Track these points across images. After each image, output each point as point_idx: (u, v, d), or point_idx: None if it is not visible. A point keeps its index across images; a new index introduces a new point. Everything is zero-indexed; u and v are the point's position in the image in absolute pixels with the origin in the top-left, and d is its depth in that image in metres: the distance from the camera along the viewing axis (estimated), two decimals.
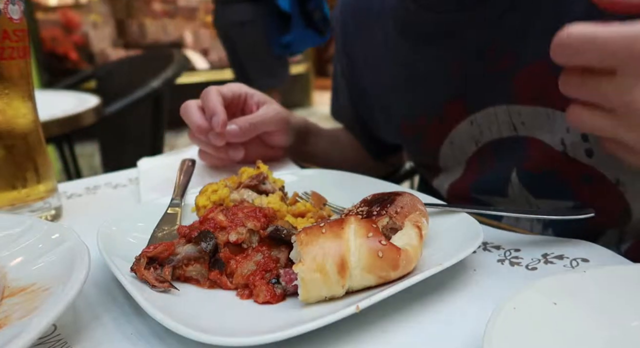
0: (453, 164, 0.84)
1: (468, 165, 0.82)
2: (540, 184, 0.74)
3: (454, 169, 0.84)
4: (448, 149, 0.82)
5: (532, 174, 0.74)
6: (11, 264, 0.46)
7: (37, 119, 0.65)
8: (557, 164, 0.70)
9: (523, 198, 0.76)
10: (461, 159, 0.82)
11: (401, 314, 0.42)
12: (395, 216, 0.48)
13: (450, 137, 0.80)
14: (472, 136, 0.78)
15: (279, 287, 0.43)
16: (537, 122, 0.70)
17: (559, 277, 0.39)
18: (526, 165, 0.74)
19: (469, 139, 0.79)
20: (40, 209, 0.66)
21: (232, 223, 0.48)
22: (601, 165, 0.67)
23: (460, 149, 0.81)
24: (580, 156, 0.68)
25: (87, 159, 3.58)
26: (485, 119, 0.75)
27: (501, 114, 0.73)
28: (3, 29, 0.58)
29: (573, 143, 0.67)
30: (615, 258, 0.49)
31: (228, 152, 0.77)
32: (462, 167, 0.83)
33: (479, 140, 0.78)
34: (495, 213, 0.57)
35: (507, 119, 0.73)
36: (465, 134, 0.78)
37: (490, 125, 0.75)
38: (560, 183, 0.72)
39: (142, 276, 0.44)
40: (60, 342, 0.40)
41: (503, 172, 0.77)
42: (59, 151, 2.10)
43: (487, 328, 0.33)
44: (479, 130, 0.76)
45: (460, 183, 0.84)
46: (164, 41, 5.58)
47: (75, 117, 1.61)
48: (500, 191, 0.78)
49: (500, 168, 0.77)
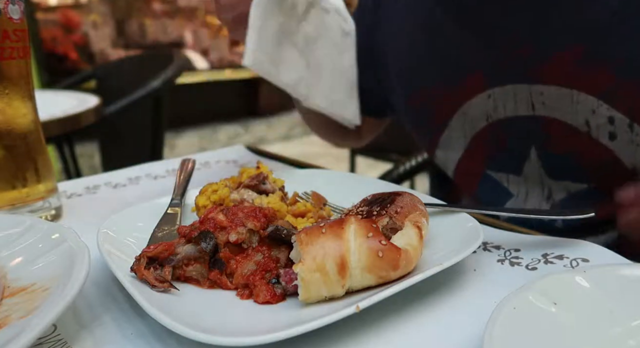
0: (458, 138, 0.83)
1: (473, 141, 0.81)
2: (559, 165, 0.75)
3: (458, 143, 0.84)
4: (459, 121, 0.82)
5: (553, 154, 0.74)
6: (11, 264, 0.46)
7: (37, 118, 0.65)
8: (579, 145, 0.71)
9: (537, 177, 0.77)
10: (468, 133, 0.82)
11: (401, 314, 0.42)
12: (395, 216, 0.48)
13: (464, 108, 0.80)
14: (486, 111, 0.78)
15: (279, 287, 0.43)
16: (559, 103, 0.70)
17: (559, 277, 0.39)
18: (547, 145, 0.74)
19: (482, 113, 0.78)
20: (40, 209, 0.66)
21: (232, 223, 0.47)
22: (622, 150, 0.69)
23: (472, 122, 0.80)
24: (603, 138, 0.69)
25: (87, 159, 3.57)
26: (503, 95, 0.75)
27: (521, 92, 0.73)
28: (3, 29, 0.58)
29: (598, 125, 0.68)
30: (615, 258, 0.49)
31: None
32: (467, 142, 0.83)
33: (490, 116, 0.78)
34: (496, 213, 0.57)
35: (526, 97, 0.73)
36: (480, 108, 0.78)
37: (506, 102, 0.75)
38: (578, 166, 0.73)
39: (142, 276, 0.44)
40: (60, 342, 0.40)
41: (519, 150, 0.77)
42: (59, 151, 2.10)
43: (487, 328, 0.33)
44: (494, 105, 0.76)
45: (470, 160, 0.84)
46: (164, 41, 5.58)
47: (75, 117, 1.61)
48: (515, 169, 0.79)
49: (516, 146, 0.77)
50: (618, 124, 0.67)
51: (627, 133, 0.67)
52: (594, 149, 0.70)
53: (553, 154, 0.74)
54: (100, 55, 5.16)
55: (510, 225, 0.60)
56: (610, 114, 0.67)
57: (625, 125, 0.66)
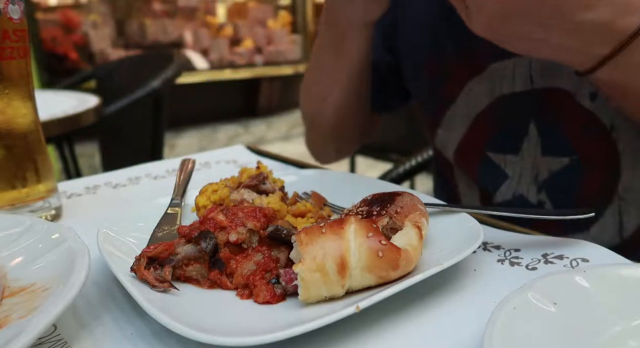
0: (462, 117, 0.84)
1: (475, 120, 0.82)
2: (555, 137, 0.75)
3: (461, 122, 0.84)
4: (464, 98, 0.82)
5: (553, 126, 0.75)
6: (11, 264, 0.46)
7: (37, 118, 0.65)
8: (567, 111, 0.72)
9: (531, 157, 0.77)
10: (472, 112, 0.82)
11: (401, 314, 0.42)
12: (395, 216, 0.48)
13: (470, 84, 0.80)
14: (490, 87, 0.78)
15: (279, 287, 0.43)
16: (558, 70, 0.71)
17: (559, 277, 0.39)
18: (547, 116, 0.75)
19: (486, 90, 0.79)
20: (40, 209, 0.65)
21: (232, 223, 0.48)
22: (600, 110, 0.70)
23: (475, 100, 0.81)
24: (584, 100, 0.70)
25: (87, 159, 3.57)
26: (501, 71, 0.75)
27: (520, 65, 0.73)
28: (3, 29, 0.58)
29: (580, 88, 0.70)
30: (615, 258, 0.49)
31: None
32: (469, 122, 0.83)
33: (492, 93, 0.78)
34: (496, 213, 0.57)
35: (525, 70, 0.73)
36: (484, 84, 0.79)
37: (503, 79, 0.76)
38: (564, 138, 0.74)
39: (142, 276, 0.44)
40: (60, 342, 0.40)
41: (519, 127, 0.78)
42: (59, 151, 2.10)
43: (487, 328, 0.33)
44: (492, 83, 0.77)
45: (471, 141, 0.85)
46: (164, 41, 5.57)
47: (75, 117, 1.61)
48: (513, 148, 0.79)
49: (516, 123, 0.78)
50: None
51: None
52: (576, 112, 0.71)
53: (554, 126, 0.75)
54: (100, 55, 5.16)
55: (510, 225, 0.60)
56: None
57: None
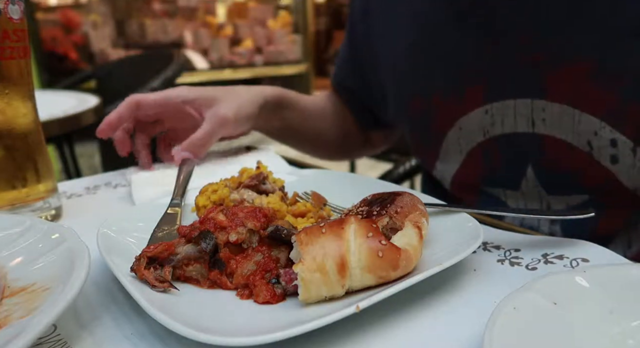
0: (454, 152, 0.82)
1: (469, 156, 0.80)
2: (557, 182, 0.73)
3: (454, 157, 0.82)
4: (455, 134, 0.80)
5: (551, 172, 0.73)
6: (11, 264, 0.46)
7: (37, 118, 0.65)
8: (580, 164, 0.69)
9: (535, 193, 0.75)
10: (464, 148, 0.80)
11: (401, 314, 0.42)
12: (395, 216, 0.48)
13: (461, 122, 0.78)
14: (483, 126, 0.76)
15: (279, 287, 0.43)
16: (561, 121, 0.68)
17: (559, 277, 0.39)
18: (544, 163, 0.73)
19: (479, 128, 0.76)
20: (40, 209, 0.65)
21: (232, 223, 0.47)
22: (623, 173, 0.67)
23: (467, 137, 0.78)
24: (605, 161, 0.67)
25: (87, 159, 3.57)
26: (502, 110, 0.73)
27: (522, 108, 0.71)
28: (3, 29, 0.58)
29: (600, 147, 0.66)
30: (615, 258, 0.49)
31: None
32: (463, 157, 0.81)
33: (487, 131, 0.76)
34: (496, 213, 0.57)
35: (527, 113, 0.70)
36: (477, 122, 0.76)
37: (505, 117, 0.73)
38: (577, 183, 0.71)
39: (142, 276, 0.44)
40: (60, 342, 0.40)
41: (516, 166, 0.75)
42: (59, 151, 2.10)
43: (487, 328, 0.33)
44: (492, 120, 0.74)
45: (465, 174, 0.83)
46: (164, 41, 5.57)
47: (75, 117, 1.62)
48: (512, 185, 0.77)
49: (513, 162, 0.76)
50: (621, 147, 0.65)
51: (630, 157, 0.65)
52: (594, 169, 0.68)
53: (552, 172, 0.73)
54: (100, 55, 5.16)
55: (510, 225, 0.60)
56: (613, 137, 0.65)
57: (628, 148, 0.65)
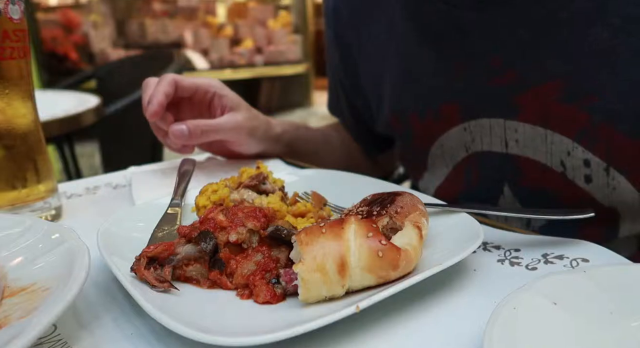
0: (440, 166, 0.82)
1: (455, 170, 0.80)
2: (535, 199, 0.73)
3: (440, 170, 0.83)
4: (438, 150, 0.80)
5: (528, 190, 0.73)
6: (11, 264, 0.46)
7: (37, 119, 0.65)
8: (555, 184, 0.69)
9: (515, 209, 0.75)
10: (449, 163, 0.80)
11: (401, 314, 0.42)
12: (395, 216, 0.48)
13: (441, 140, 0.78)
14: (464, 142, 0.76)
15: (279, 287, 0.43)
16: (533, 142, 0.68)
17: (559, 277, 0.39)
18: (521, 182, 0.73)
19: (460, 145, 0.77)
20: (40, 209, 0.65)
21: (232, 223, 0.48)
22: (598, 192, 0.67)
23: (450, 152, 0.79)
24: (579, 181, 0.67)
25: (87, 159, 3.57)
26: (478, 128, 0.73)
27: (496, 127, 0.71)
28: (3, 29, 0.58)
29: (573, 167, 0.67)
30: (615, 258, 0.49)
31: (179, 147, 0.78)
32: (448, 170, 0.81)
33: (469, 147, 0.76)
34: (495, 213, 0.57)
35: (501, 133, 0.71)
36: (457, 139, 0.76)
37: (483, 136, 0.73)
38: (554, 200, 0.71)
39: (142, 276, 0.44)
40: (60, 342, 0.40)
41: (493, 184, 0.76)
42: (59, 151, 2.11)
43: (487, 328, 0.33)
44: (471, 137, 0.75)
45: (447, 189, 0.83)
46: (164, 41, 5.58)
47: (75, 117, 1.62)
48: (490, 202, 0.77)
49: (490, 180, 0.76)
50: (594, 167, 0.65)
51: (603, 177, 0.65)
52: (570, 189, 0.68)
53: (528, 191, 0.73)
54: (100, 55, 5.16)
55: (510, 225, 0.60)
56: (586, 157, 0.65)
57: (601, 169, 0.65)
